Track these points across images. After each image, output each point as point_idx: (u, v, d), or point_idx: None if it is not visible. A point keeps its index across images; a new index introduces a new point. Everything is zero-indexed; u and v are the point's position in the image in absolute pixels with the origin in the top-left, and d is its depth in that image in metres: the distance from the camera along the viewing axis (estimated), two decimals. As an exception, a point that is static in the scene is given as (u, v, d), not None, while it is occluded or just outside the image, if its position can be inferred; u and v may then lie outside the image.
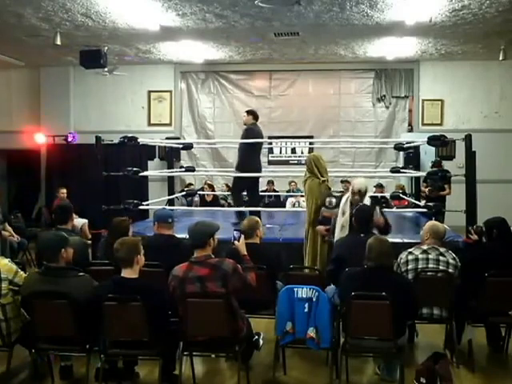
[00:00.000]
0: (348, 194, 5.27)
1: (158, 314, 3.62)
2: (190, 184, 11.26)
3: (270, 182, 11.14)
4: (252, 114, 7.50)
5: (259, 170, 7.52)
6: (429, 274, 4.31)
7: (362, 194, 5.12)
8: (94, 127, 11.30)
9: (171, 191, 9.75)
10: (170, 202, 9.21)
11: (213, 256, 3.75)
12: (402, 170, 9.06)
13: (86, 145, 9.62)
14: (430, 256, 4.35)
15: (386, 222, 5.13)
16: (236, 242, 4.11)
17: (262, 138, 7.59)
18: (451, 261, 4.34)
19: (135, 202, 7.03)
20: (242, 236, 4.17)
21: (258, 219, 4.79)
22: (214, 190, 10.89)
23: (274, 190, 11.17)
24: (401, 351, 3.77)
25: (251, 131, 7.31)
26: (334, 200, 5.36)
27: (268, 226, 6.97)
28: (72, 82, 12.19)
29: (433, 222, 4.82)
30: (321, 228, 5.37)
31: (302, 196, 9.77)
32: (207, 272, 3.62)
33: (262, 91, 12.38)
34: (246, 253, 4.10)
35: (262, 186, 11.14)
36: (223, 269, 3.63)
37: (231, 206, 8.70)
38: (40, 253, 4.78)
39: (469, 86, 11.56)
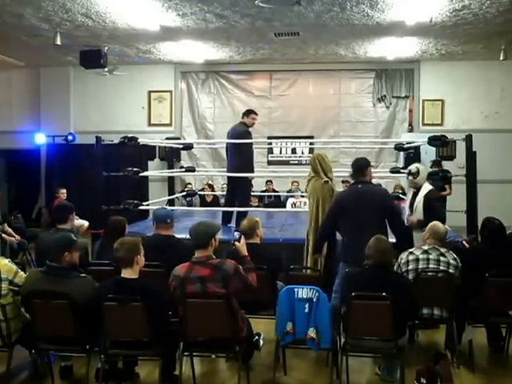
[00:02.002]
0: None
1: (158, 314, 3.61)
2: (189, 184, 11.24)
3: (269, 182, 11.14)
4: None
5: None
6: (429, 274, 4.31)
7: (412, 173, 5.40)
8: (93, 127, 11.26)
9: (171, 191, 9.74)
10: (170, 203, 9.19)
11: (214, 256, 3.75)
12: (401, 170, 9.02)
13: (85, 145, 9.61)
14: (431, 256, 4.35)
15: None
16: (236, 243, 4.09)
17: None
18: (452, 261, 4.35)
19: (135, 202, 7.02)
20: (243, 237, 4.16)
21: (258, 219, 4.77)
22: (213, 191, 10.88)
23: (274, 190, 11.17)
24: (401, 351, 3.77)
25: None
26: None
27: None
28: (72, 82, 12.17)
29: (434, 223, 4.81)
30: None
31: (303, 196, 9.80)
32: (208, 272, 3.62)
33: (263, 91, 12.36)
34: (246, 253, 4.08)
35: (262, 186, 11.22)
36: (224, 270, 3.62)
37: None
38: (41, 252, 4.76)
39: (469, 86, 11.53)
